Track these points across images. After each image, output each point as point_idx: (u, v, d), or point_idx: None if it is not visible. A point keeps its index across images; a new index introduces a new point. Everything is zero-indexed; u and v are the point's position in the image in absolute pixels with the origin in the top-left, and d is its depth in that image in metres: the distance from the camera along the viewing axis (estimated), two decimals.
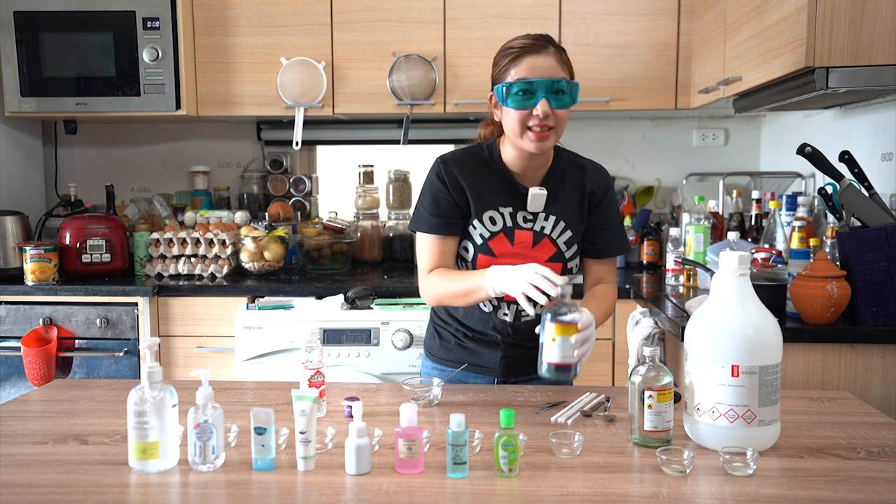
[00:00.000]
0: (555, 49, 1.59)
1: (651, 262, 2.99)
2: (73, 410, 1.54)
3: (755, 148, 3.30)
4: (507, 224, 1.67)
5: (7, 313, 2.69)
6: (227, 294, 2.68)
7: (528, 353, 1.73)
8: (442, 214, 1.67)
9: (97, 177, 3.36)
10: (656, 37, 2.84)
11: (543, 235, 1.67)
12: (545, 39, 1.60)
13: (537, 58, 1.56)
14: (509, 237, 1.66)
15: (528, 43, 1.58)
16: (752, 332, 1.28)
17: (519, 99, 1.56)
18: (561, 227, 1.68)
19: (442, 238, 1.68)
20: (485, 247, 1.66)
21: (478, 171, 1.68)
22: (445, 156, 1.71)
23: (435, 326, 1.84)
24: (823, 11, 1.88)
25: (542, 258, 1.67)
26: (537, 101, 1.55)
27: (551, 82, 1.55)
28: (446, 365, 1.79)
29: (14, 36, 2.84)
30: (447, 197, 1.66)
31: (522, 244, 1.66)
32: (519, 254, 1.66)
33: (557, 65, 1.58)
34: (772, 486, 1.16)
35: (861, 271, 1.91)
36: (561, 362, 1.38)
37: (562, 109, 1.58)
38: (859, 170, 2.03)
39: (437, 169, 1.69)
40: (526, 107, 1.56)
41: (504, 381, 1.76)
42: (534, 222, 1.68)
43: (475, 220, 1.66)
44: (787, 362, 1.85)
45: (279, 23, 2.89)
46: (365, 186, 3.24)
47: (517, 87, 1.55)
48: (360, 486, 1.17)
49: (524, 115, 1.56)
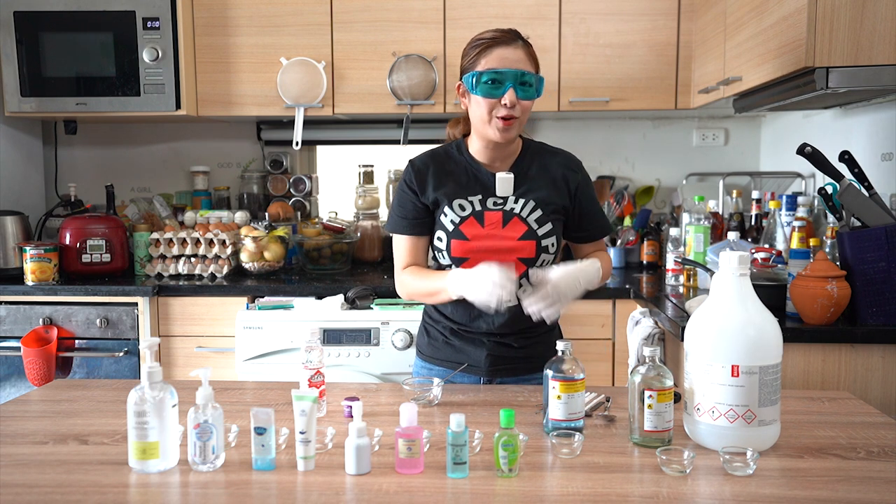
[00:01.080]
0: (523, 43, 1.66)
1: (651, 262, 2.99)
2: (73, 410, 1.54)
3: (755, 148, 3.30)
4: (477, 208, 1.70)
5: (7, 313, 2.69)
6: (227, 294, 2.68)
7: (513, 353, 1.76)
8: (407, 216, 1.75)
9: (97, 177, 3.36)
10: (656, 37, 2.84)
11: (513, 214, 1.70)
12: (513, 33, 1.66)
13: (507, 49, 1.62)
14: (479, 220, 1.70)
15: (498, 35, 1.64)
16: (752, 332, 1.28)
17: (487, 88, 1.61)
18: (530, 207, 1.70)
19: (410, 238, 1.76)
20: (456, 231, 1.69)
21: (446, 167, 1.74)
22: (414, 159, 1.78)
23: (424, 325, 1.86)
24: (823, 11, 1.88)
25: (514, 237, 1.69)
26: (505, 90, 1.60)
27: (519, 73, 1.61)
28: (434, 363, 1.80)
29: (14, 36, 2.84)
30: (413, 200, 1.74)
31: (493, 224, 1.69)
32: (491, 234, 1.69)
33: (525, 58, 1.64)
34: (772, 486, 1.16)
35: (861, 271, 1.91)
36: (567, 419, 1.36)
37: (527, 101, 1.63)
38: (859, 170, 2.03)
39: (405, 174, 1.77)
40: (494, 95, 1.61)
41: (490, 380, 1.76)
42: (503, 205, 1.71)
43: (446, 208, 1.71)
44: (787, 362, 1.85)
45: (279, 23, 2.89)
46: (365, 186, 3.24)
47: (487, 76, 1.61)
48: (360, 486, 1.17)
49: (492, 104, 1.62)
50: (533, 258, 1.69)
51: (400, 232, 1.76)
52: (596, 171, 3.29)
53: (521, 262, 1.68)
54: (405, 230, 1.75)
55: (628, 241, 3.04)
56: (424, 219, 1.74)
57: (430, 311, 1.83)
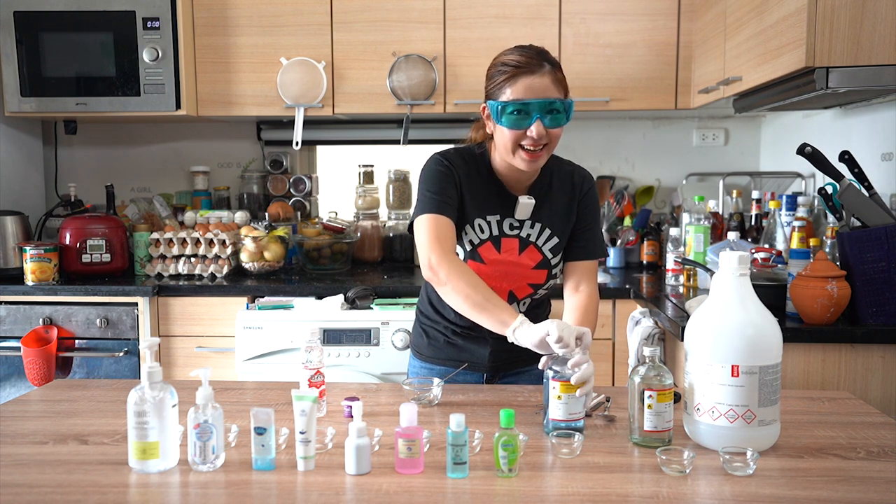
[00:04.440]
0: (550, 67, 1.57)
1: (651, 262, 2.99)
2: (73, 410, 1.54)
3: (755, 148, 3.30)
4: (494, 233, 1.68)
5: (7, 313, 2.69)
6: (227, 294, 2.68)
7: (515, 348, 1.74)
8: (451, 202, 1.63)
9: (97, 177, 3.36)
10: (656, 37, 2.84)
11: (529, 243, 1.69)
12: (540, 57, 1.57)
13: (533, 78, 1.54)
14: (496, 245, 1.68)
15: (523, 61, 1.55)
16: (752, 332, 1.28)
17: (513, 119, 1.55)
18: (546, 235, 1.70)
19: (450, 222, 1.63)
20: (474, 253, 1.68)
21: (470, 175, 1.68)
22: (445, 153, 1.70)
23: (422, 326, 1.84)
24: (823, 11, 1.88)
25: (530, 265, 1.69)
26: (532, 122, 1.54)
27: (546, 103, 1.54)
28: (435, 363, 1.80)
29: (14, 36, 2.84)
30: (455, 185, 1.65)
31: (509, 251, 1.69)
32: (506, 260, 1.68)
33: (552, 84, 1.56)
34: (772, 486, 1.16)
35: (861, 271, 1.91)
36: (567, 420, 1.36)
37: (556, 128, 1.57)
38: (859, 170, 2.03)
39: (439, 163, 1.67)
40: (520, 127, 1.55)
41: (492, 377, 1.77)
42: (520, 229, 1.69)
43: (466, 227, 1.68)
44: (787, 362, 1.85)
45: (279, 23, 2.89)
46: (365, 186, 3.24)
47: (511, 107, 1.54)
48: (360, 486, 1.17)
49: (517, 135, 1.56)
50: (542, 283, 1.72)
51: (446, 214, 1.61)
52: (596, 171, 3.29)
53: (530, 286, 1.71)
54: (450, 212, 1.62)
55: (628, 241, 3.04)
56: (457, 205, 1.66)
57: (427, 311, 1.82)
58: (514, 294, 1.72)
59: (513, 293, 1.72)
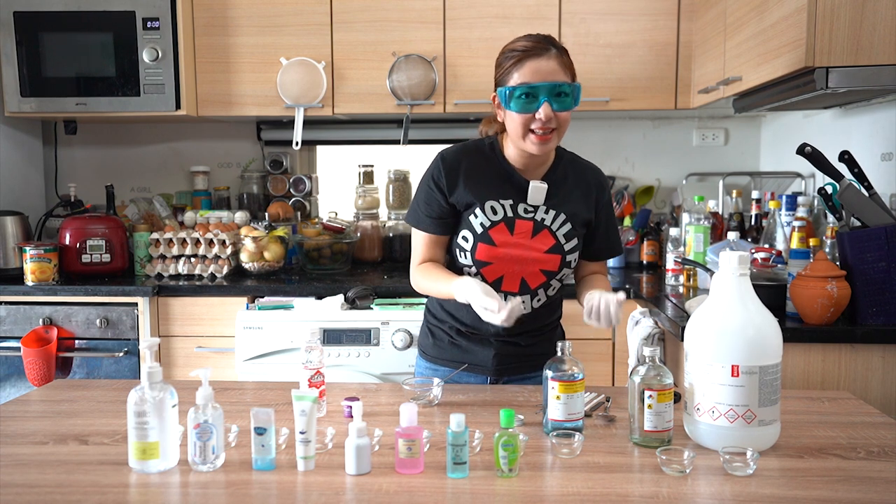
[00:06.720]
0: (557, 51, 1.60)
1: (651, 262, 2.99)
2: (73, 411, 1.54)
3: (755, 148, 3.30)
4: (508, 214, 1.68)
5: (7, 313, 2.69)
6: (227, 294, 2.68)
7: (520, 351, 1.75)
8: (432, 215, 1.71)
9: (97, 177, 3.36)
10: (656, 37, 2.84)
11: (543, 226, 1.69)
12: (547, 41, 1.60)
13: (539, 61, 1.57)
14: (509, 227, 1.67)
15: (530, 45, 1.59)
16: (752, 332, 1.28)
17: (521, 103, 1.57)
18: (561, 220, 1.69)
19: (431, 236, 1.73)
20: (485, 235, 1.67)
21: (478, 165, 1.70)
22: (445, 152, 1.72)
23: (428, 325, 1.84)
24: (823, 11, 1.88)
25: (542, 249, 1.68)
26: (539, 105, 1.56)
27: (553, 86, 1.56)
28: (440, 364, 1.79)
29: (14, 36, 2.84)
30: (440, 199, 1.70)
31: (522, 233, 1.68)
32: (519, 243, 1.68)
33: (559, 68, 1.59)
34: (772, 486, 1.16)
35: (861, 271, 1.91)
36: (566, 420, 1.36)
37: (564, 111, 1.59)
38: (859, 170, 2.03)
39: (434, 169, 1.71)
40: (528, 110, 1.57)
41: (497, 379, 1.77)
42: (534, 213, 1.69)
43: (477, 209, 1.68)
44: (787, 362, 1.85)
45: (279, 23, 2.89)
46: (365, 186, 3.24)
47: (520, 90, 1.57)
48: (360, 486, 1.17)
49: (527, 119, 1.58)
50: (555, 271, 1.71)
51: (423, 229, 1.73)
52: None
53: (542, 274, 1.70)
54: (428, 228, 1.72)
55: (628, 241, 3.04)
56: (448, 219, 1.71)
57: (435, 311, 1.82)
58: (527, 283, 1.70)
59: (525, 282, 1.69)
